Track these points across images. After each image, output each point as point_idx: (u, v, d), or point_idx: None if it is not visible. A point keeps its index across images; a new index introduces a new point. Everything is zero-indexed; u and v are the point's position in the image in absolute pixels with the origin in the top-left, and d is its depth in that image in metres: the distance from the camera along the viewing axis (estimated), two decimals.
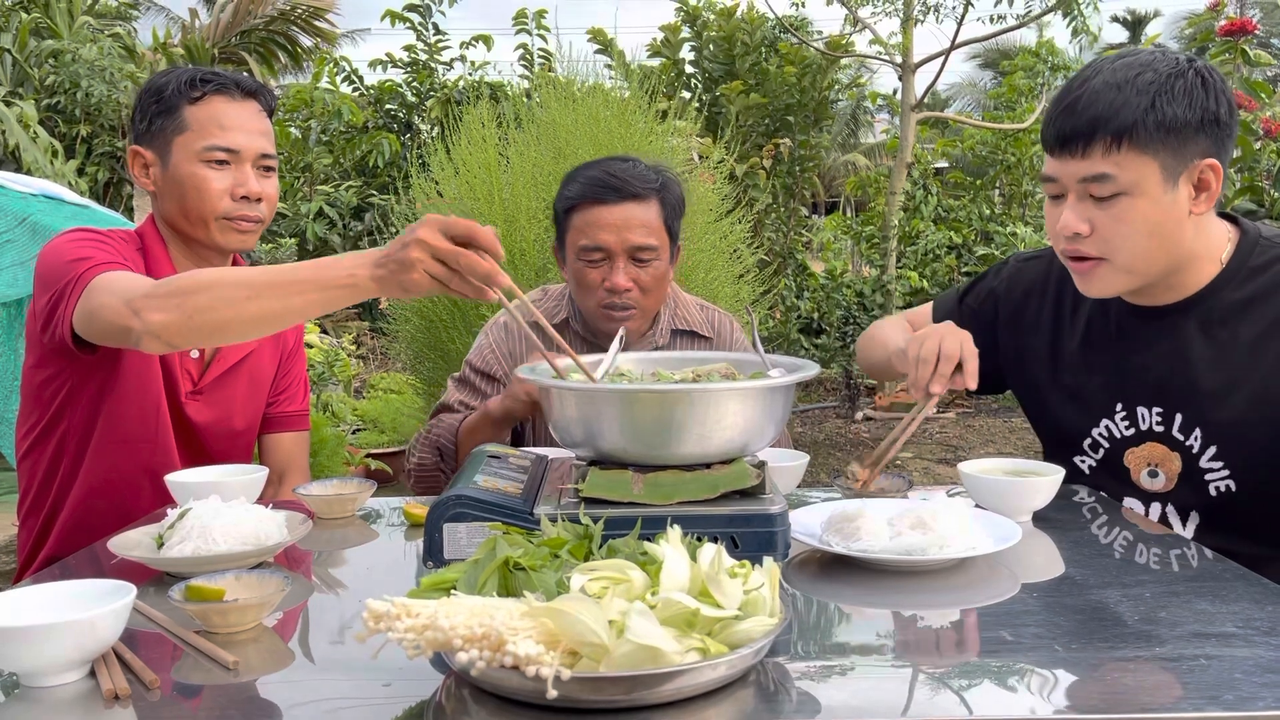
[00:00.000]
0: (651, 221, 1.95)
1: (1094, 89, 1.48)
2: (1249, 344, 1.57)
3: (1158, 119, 1.45)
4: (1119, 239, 1.51)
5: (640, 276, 1.94)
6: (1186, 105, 1.46)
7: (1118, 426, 1.70)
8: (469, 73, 10.04)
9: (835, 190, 19.15)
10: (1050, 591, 1.22)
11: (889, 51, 7.69)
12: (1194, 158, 1.48)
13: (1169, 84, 1.46)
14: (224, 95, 1.78)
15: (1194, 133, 1.47)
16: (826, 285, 7.88)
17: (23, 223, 4.61)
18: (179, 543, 1.28)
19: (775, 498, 1.28)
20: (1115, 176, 1.47)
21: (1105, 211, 1.51)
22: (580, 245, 1.95)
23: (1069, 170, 1.52)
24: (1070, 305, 1.77)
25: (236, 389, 1.91)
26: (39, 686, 0.97)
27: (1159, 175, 1.47)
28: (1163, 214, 1.49)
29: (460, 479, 1.32)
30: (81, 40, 8.73)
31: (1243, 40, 4.43)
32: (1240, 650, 1.00)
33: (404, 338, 4.88)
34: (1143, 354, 1.66)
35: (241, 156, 1.78)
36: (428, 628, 0.85)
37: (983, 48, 23.28)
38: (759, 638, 0.92)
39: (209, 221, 1.77)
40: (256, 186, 1.78)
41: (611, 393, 1.29)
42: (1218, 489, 1.60)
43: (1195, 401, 1.61)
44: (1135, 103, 1.45)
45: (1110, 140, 1.47)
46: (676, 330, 2.12)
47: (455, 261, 1.24)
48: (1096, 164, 1.48)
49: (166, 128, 1.76)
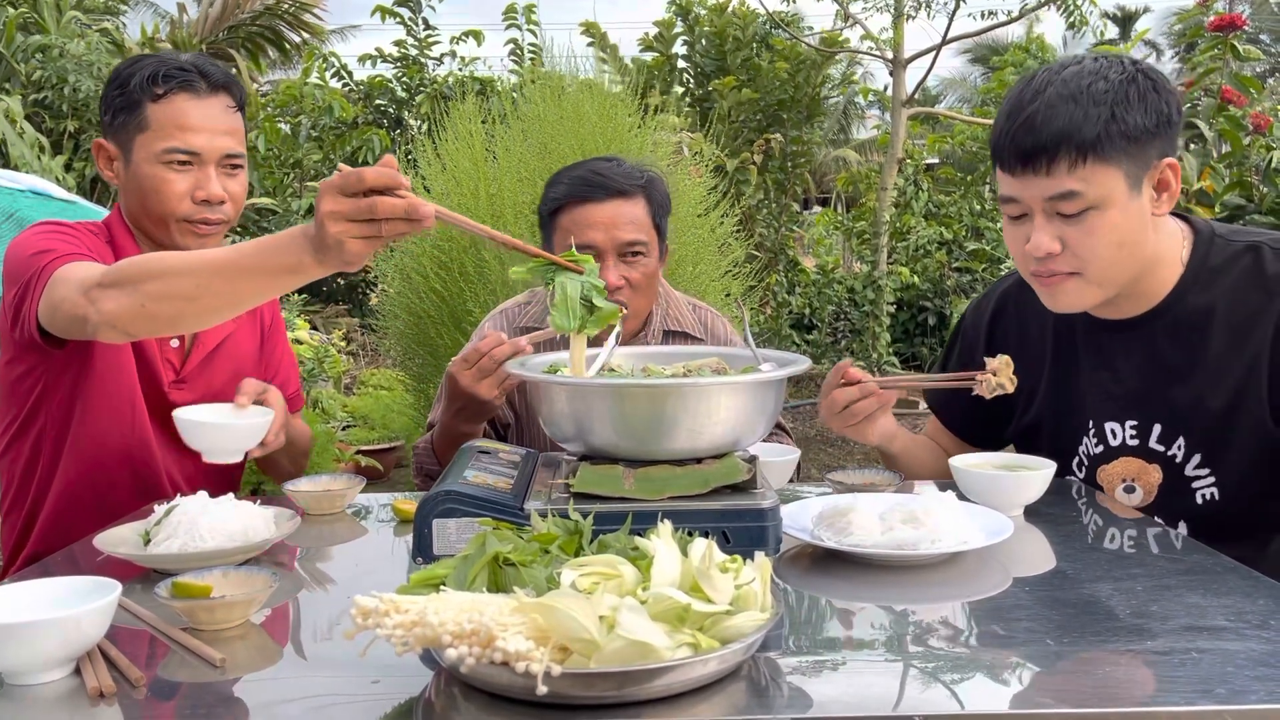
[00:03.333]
0: (640, 218, 1.94)
1: (1049, 102, 1.45)
2: (1221, 348, 1.56)
3: (1120, 129, 1.43)
4: (1090, 253, 1.49)
5: (631, 275, 1.93)
6: (1143, 111, 1.44)
7: (1089, 444, 1.69)
8: (459, 68, 10.01)
9: (827, 186, 19.15)
10: (1042, 585, 1.21)
11: (880, 47, 7.69)
12: (1153, 160, 1.48)
13: (1124, 92, 1.44)
14: (188, 92, 1.73)
15: (1152, 137, 1.46)
16: (818, 281, 7.90)
17: (10, 218, 4.58)
18: (166, 539, 1.27)
19: (766, 492, 1.27)
20: (1083, 193, 1.45)
21: (1076, 228, 1.48)
22: (569, 245, 1.93)
23: (1033, 190, 1.48)
24: (1036, 330, 1.75)
25: (220, 372, 1.88)
26: (23, 684, 0.96)
27: (1124, 184, 1.46)
28: (1131, 221, 1.48)
29: (450, 474, 1.31)
30: (69, 35, 8.67)
31: (1232, 35, 4.44)
32: (1232, 643, 0.99)
33: (394, 334, 4.87)
34: (1113, 368, 1.64)
35: (204, 158, 1.73)
36: (416, 624, 0.85)
37: (974, 43, 23.30)
38: (750, 633, 0.91)
39: (169, 223, 1.74)
40: (218, 189, 1.74)
41: (602, 387, 1.28)
42: (1204, 496, 1.60)
43: (1174, 411, 1.59)
44: (1095, 114, 1.43)
45: (1075, 156, 1.43)
46: (669, 331, 2.11)
47: (372, 213, 1.17)
48: (1063, 181, 1.45)
49: (129, 124, 1.72)
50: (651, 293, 2.01)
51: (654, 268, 1.98)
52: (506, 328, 2.08)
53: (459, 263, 4.20)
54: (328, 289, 9.44)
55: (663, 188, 2.02)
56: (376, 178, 1.16)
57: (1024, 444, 1.78)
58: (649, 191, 1.97)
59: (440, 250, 4.28)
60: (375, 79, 10.17)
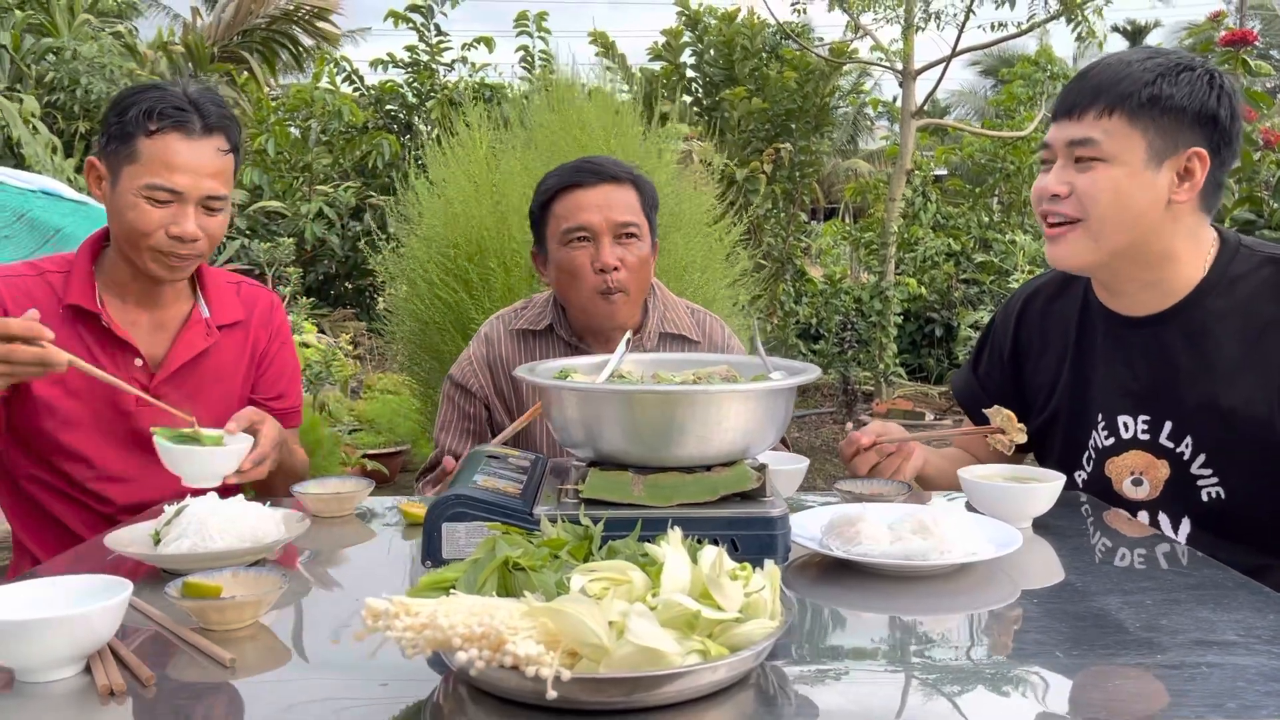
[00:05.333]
0: (631, 203, 1.98)
1: (1106, 64, 1.55)
2: (1234, 353, 1.58)
3: (1153, 94, 1.50)
4: (1090, 201, 1.55)
5: (625, 256, 1.95)
6: (1187, 93, 1.51)
7: (1099, 436, 1.70)
8: (469, 74, 10.04)
9: (834, 196, 19.16)
10: (1051, 598, 1.21)
11: (890, 58, 7.69)
12: (1184, 146, 1.52)
13: (1174, 70, 1.52)
14: (181, 131, 1.73)
15: (1189, 122, 1.51)
16: (825, 291, 7.89)
17: (21, 218, 4.61)
18: (176, 539, 1.28)
19: (776, 501, 1.27)
20: (1099, 141, 1.52)
21: (1084, 175, 1.55)
22: (563, 229, 1.95)
23: (1062, 133, 1.58)
24: (1059, 328, 1.78)
25: (196, 387, 1.89)
26: (35, 682, 0.96)
27: (1143, 151, 1.52)
28: (1138, 188, 1.53)
29: (459, 479, 1.31)
30: (82, 38, 8.72)
31: (1243, 51, 4.43)
32: (1242, 658, 0.99)
33: (400, 338, 4.88)
34: (1129, 364, 1.67)
35: (185, 197, 1.74)
36: (427, 626, 0.85)
37: (983, 55, 23.33)
38: (760, 640, 0.91)
39: (141, 250, 1.76)
40: (192, 228, 1.74)
41: (612, 393, 1.28)
42: (1209, 494, 1.61)
43: (1183, 410, 1.62)
44: (1138, 77, 1.51)
45: (1104, 107, 1.52)
46: (665, 333, 2.10)
47: (7, 359, 1.46)
48: (1085, 127, 1.54)
49: (120, 152, 1.74)
50: (646, 277, 2.02)
51: (647, 253, 1.99)
52: (503, 331, 2.09)
53: (463, 270, 4.21)
54: (335, 293, 9.47)
55: (650, 185, 2.06)
56: (20, 329, 1.46)
57: (1040, 437, 1.81)
58: (638, 183, 2.02)
59: (446, 258, 4.28)
60: (386, 84, 10.21)
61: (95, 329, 1.80)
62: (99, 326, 1.79)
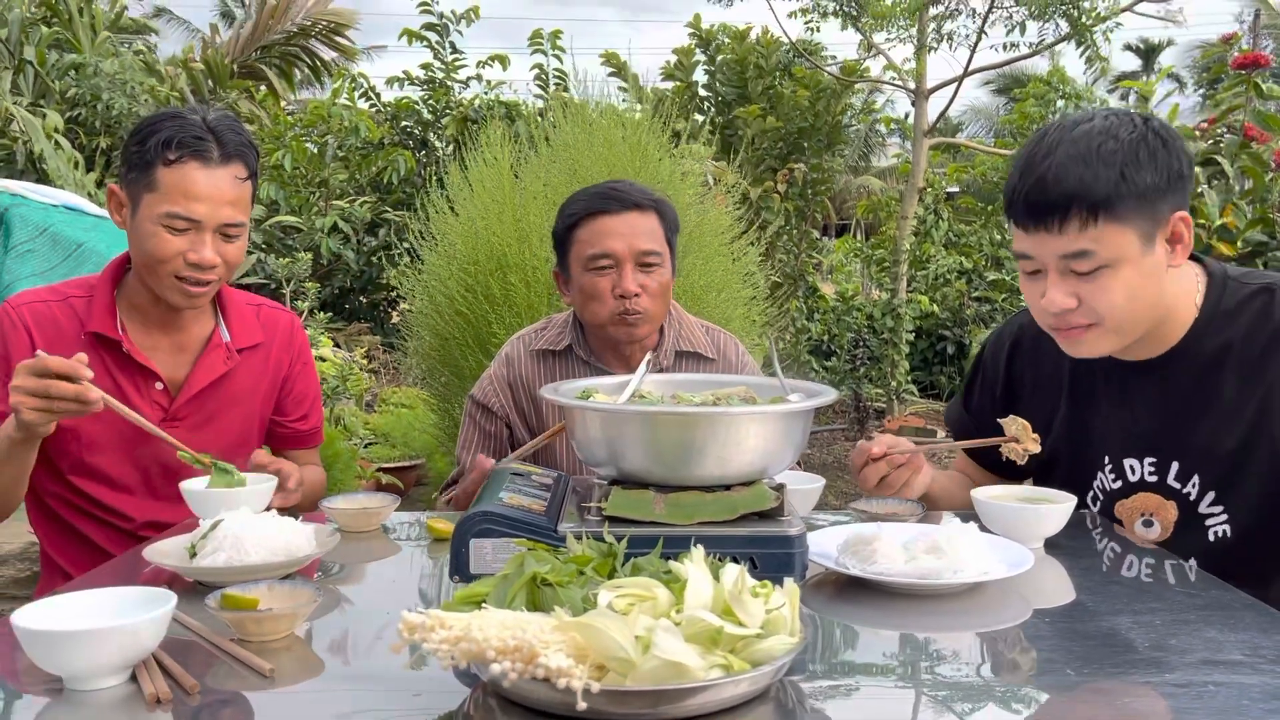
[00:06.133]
0: (654, 230, 2.03)
1: (1060, 163, 1.47)
2: (1233, 389, 1.59)
3: (1130, 189, 1.45)
4: (1106, 308, 1.52)
5: (647, 283, 2.00)
6: (1153, 170, 1.46)
7: (1106, 479, 1.72)
8: (484, 92, 10.12)
9: (846, 212, 19.20)
10: (1062, 617, 1.24)
11: (902, 77, 7.74)
12: (1166, 215, 1.49)
13: (1134, 151, 1.46)
14: (199, 160, 1.75)
15: (1163, 193, 1.47)
16: (837, 308, 7.92)
17: (43, 233, 4.67)
18: (212, 552, 1.32)
19: (793, 520, 1.31)
20: (1096, 251, 1.47)
21: (1091, 284, 1.51)
22: (588, 255, 2.00)
23: (1046, 248, 1.51)
24: (1051, 365, 1.78)
25: (216, 409, 1.93)
26: (83, 689, 1.00)
27: (1137, 241, 1.48)
28: (1145, 276, 1.50)
29: (485, 496, 1.35)
30: (104, 54, 8.83)
31: (1256, 73, 4.46)
32: (1248, 678, 1.02)
33: (416, 352, 4.92)
34: (1132, 407, 1.67)
35: (202, 225, 1.76)
36: (462, 639, 0.88)
37: (996, 74, 23.36)
38: (780, 656, 0.95)
39: (160, 278, 1.79)
40: (209, 255, 1.77)
41: (636, 414, 1.32)
42: (1215, 534, 1.63)
43: (1189, 450, 1.63)
44: (1105, 175, 1.45)
45: (1086, 216, 1.46)
46: (681, 351, 2.15)
47: (46, 393, 1.52)
48: (1075, 240, 1.47)
49: (139, 181, 1.76)
50: (665, 302, 2.07)
51: (668, 278, 2.05)
52: (524, 351, 2.14)
53: (484, 286, 4.25)
54: (350, 307, 9.54)
55: (672, 210, 2.10)
56: (59, 366, 1.53)
57: (1040, 476, 1.82)
58: (660, 209, 2.06)
59: (466, 274, 4.33)
60: (402, 101, 10.30)
61: (117, 355, 1.83)
62: (120, 353, 1.83)
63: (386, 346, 8.43)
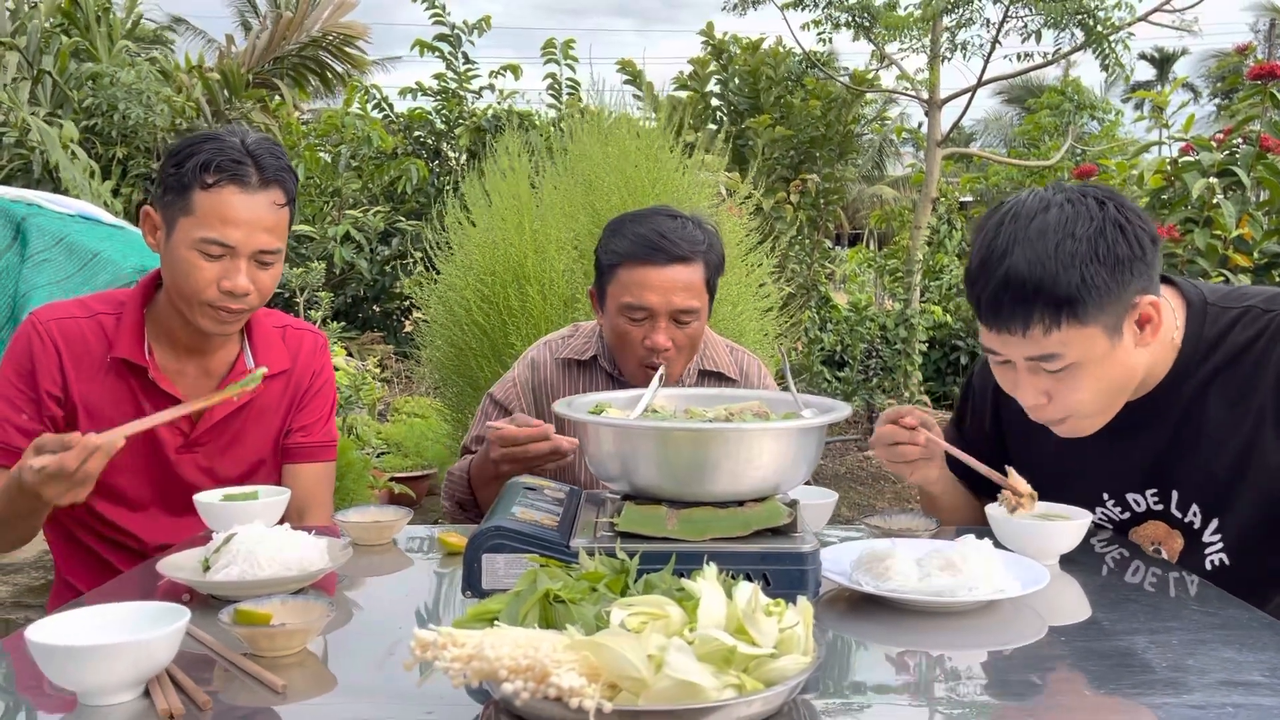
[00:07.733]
0: (695, 284, 1.98)
1: (1016, 267, 1.42)
2: (1222, 414, 1.58)
3: (1091, 292, 1.40)
4: (1077, 403, 1.50)
5: (679, 337, 1.98)
6: (1113, 263, 1.41)
7: (1110, 512, 1.71)
8: (498, 101, 10.16)
9: (859, 222, 19.19)
10: (1078, 635, 1.23)
11: (915, 87, 7.74)
12: (1130, 301, 1.45)
13: (1093, 249, 1.40)
14: (237, 184, 1.71)
15: (1126, 284, 1.43)
16: (850, 318, 7.90)
17: (60, 242, 4.71)
18: (225, 566, 1.32)
19: (807, 536, 1.30)
20: (1062, 354, 1.44)
21: (1060, 383, 1.48)
22: (624, 302, 1.97)
23: (1012, 350, 1.48)
24: None
25: (239, 433, 1.92)
26: (97, 704, 1.00)
27: (1104, 337, 1.44)
28: (1116, 364, 1.48)
29: (498, 510, 1.35)
30: (120, 64, 8.90)
31: (1271, 84, 4.43)
32: (1267, 699, 1.01)
33: (429, 362, 4.93)
34: (1128, 442, 1.65)
35: (237, 251, 1.73)
36: (474, 657, 0.88)
37: (1009, 84, 23.33)
38: (793, 675, 0.94)
39: (192, 304, 1.76)
40: (243, 282, 1.74)
41: (648, 430, 1.32)
42: (1213, 563, 1.63)
43: (1185, 480, 1.62)
44: (1065, 280, 1.39)
45: (1049, 323, 1.42)
46: (704, 371, 2.15)
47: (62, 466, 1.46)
48: (1040, 344, 1.44)
49: (175, 204, 1.73)
50: (694, 350, 2.06)
51: (700, 329, 2.03)
52: (549, 358, 2.14)
53: (502, 296, 4.25)
54: (363, 316, 9.57)
55: (720, 248, 2.05)
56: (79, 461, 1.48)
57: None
58: (708, 256, 2.00)
59: (483, 284, 4.33)
60: (415, 111, 10.34)
61: (142, 380, 1.81)
62: (145, 379, 1.81)
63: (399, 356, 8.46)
